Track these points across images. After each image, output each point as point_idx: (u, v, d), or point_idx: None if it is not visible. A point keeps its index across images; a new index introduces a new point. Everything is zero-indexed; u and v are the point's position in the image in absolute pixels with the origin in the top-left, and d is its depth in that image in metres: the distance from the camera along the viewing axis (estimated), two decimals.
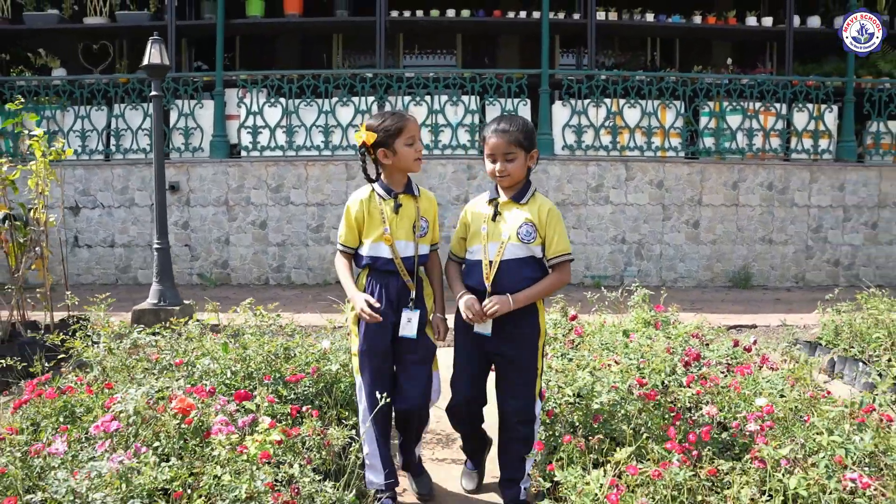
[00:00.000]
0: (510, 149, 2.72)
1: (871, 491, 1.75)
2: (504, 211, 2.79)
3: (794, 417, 2.58)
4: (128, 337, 3.50)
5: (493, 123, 2.80)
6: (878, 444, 1.97)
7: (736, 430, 2.55)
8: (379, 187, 2.85)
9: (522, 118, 2.85)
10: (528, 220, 2.75)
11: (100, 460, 1.77)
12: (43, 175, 5.25)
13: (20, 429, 2.31)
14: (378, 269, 2.82)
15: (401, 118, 2.79)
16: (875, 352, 4.19)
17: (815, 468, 1.89)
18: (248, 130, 8.40)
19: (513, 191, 2.81)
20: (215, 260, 8.31)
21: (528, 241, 2.74)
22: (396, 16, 8.83)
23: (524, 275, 2.75)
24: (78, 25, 8.95)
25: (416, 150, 2.81)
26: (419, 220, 2.86)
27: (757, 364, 3.63)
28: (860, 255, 8.74)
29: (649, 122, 8.49)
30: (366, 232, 2.82)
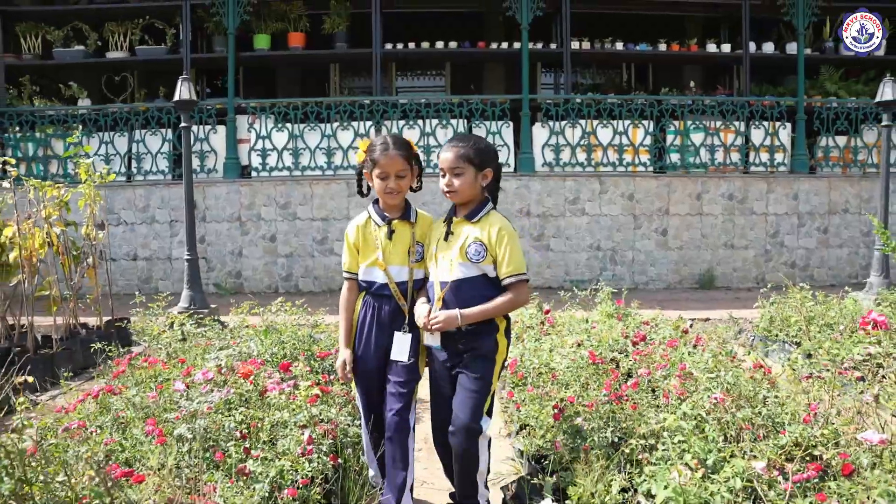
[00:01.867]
0: (457, 164, 2.73)
1: (725, 405, 2.63)
2: (456, 229, 2.78)
3: (702, 373, 3.47)
4: (182, 328, 4.36)
5: (451, 139, 2.85)
6: (738, 379, 2.85)
7: (648, 377, 3.43)
8: (374, 213, 2.92)
9: (480, 139, 2.86)
10: (478, 238, 2.72)
11: (207, 396, 2.63)
12: (91, 196, 6.11)
13: (130, 385, 3.16)
14: (373, 293, 2.89)
15: (382, 152, 2.81)
16: (793, 333, 5.09)
17: (697, 394, 2.77)
18: (258, 153, 9.29)
19: (467, 209, 2.80)
20: (230, 271, 9.16)
21: (476, 259, 2.71)
22: (390, 48, 9.75)
23: (479, 294, 2.71)
24: (101, 60, 9.83)
25: (388, 186, 2.81)
26: (414, 245, 2.88)
27: (692, 343, 4.51)
28: (814, 257, 9.66)
29: (621, 141, 9.42)
30: (361, 256, 2.90)
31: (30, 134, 9.48)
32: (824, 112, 9.71)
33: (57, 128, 9.41)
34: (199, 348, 4.08)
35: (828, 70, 10.18)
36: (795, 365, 3.09)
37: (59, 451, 2.20)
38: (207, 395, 2.62)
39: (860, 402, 2.93)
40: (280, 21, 9.79)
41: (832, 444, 2.37)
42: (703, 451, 2.13)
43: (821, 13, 9.74)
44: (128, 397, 2.83)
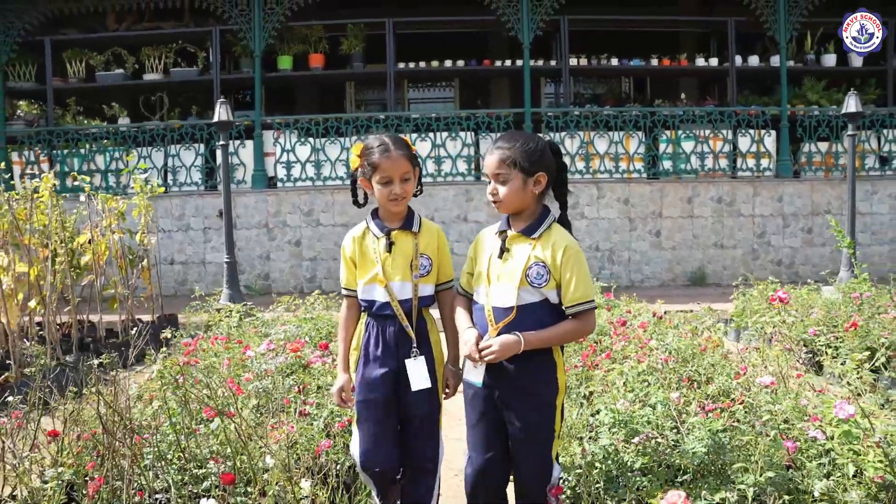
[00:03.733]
0: (501, 168, 2.36)
1: (670, 364, 3.42)
2: (513, 246, 2.38)
3: (659, 343, 4.25)
4: (232, 318, 5.20)
5: (497, 139, 2.47)
6: (683, 346, 3.65)
7: (621, 351, 4.22)
8: (373, 223, 2.61)
9: (531, 137, 2.43)
10: (539, 259, 2.33)
11: (272, 360, 3.46)
12: (144, 207, 6.97)
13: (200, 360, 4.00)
14: (375, 314, 2.57)
15: (381, 154, 2.48)
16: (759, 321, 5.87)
17: (651, 357, 3.57)
18: (283, 165, 10.14)
19: (523, 222, 2.40)
20: (258, 273, 10.01)
21: (539, 284, 2.32)
22: (403, 67, 10.58)
23: (540, 322, 2.32)
24: (139, 81, 10.72)
25: (393, 192, 2.49)
26: (417, 257, 2.55)
27: (666, 326, 5.29)
28: (799, 255, 10.40)
29: (616, 150, 10.21)
30: (359, 272, 2.60)
31: (75, 150, 10.38)
32: (807, 120, 10.45)
33: (99, 144, 10.31)
34: (251, 332, 4.91)
35: (810, 80, 10.91)
36: (725, 336, 3.86)
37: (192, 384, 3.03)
38: (273, 360, 3.43)
39: (784, 365, 3.70)
40: (301, 43, 10.65)
41: (744, 389, 3.15)
42: (642, 391, 2.92)
43: (801, 28, 10.49)
44: (209, 363, 3.66)
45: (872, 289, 6.07)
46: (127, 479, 2.28)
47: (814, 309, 5.55)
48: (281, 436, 2.67)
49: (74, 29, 10.74)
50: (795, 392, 3.06)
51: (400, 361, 2.52)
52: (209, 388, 3.11)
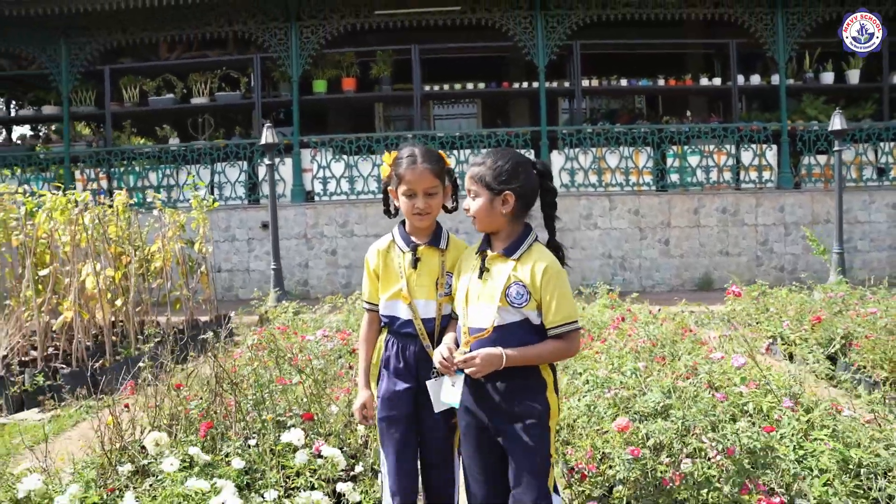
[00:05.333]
0: (471, 184, 2.33)
1: (649, 347, 4.23)
2: (492, 266, 2.32)
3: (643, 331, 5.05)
4: (288, 313, 6.08)
5: (478, 155, 2.45)
6: (667, 336, 4.46)
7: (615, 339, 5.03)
8: (399, 237, 2.54)
9: (507, 153, 2.35)
10: (518, 279, 2.26)
11: (326, 344, 4.33)
12: (200, 220, 7.91)
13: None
14: (396, 332, 2.49)
15: (408, 166, 2.41)
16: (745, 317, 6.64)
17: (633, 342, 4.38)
18: (320, 180, 11.08)
19: (502, 241, 2.35)
20: (298, 279, 10.93)
21: (519, 304, 2.26)
22: (428, 90, 11.48)
23: (521, 342, 2.26)
24: (187, 105, 11.74)
25: (415, 206, 2.42)
26: (443, 275, 2.48)
27: (658, 321, 6.08)
28: (800, 261, 11.08)
29: (626, 164, 11.00)
30: (382, 287, 2.52)
31: (130, 168, 11.42)
32: (806, 134, 11.16)
33: (152, 162, 11.34)
34: (303, 325, 5.80)
35: (809, 97, 11.62)
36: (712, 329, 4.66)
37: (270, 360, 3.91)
38: (328, 343, 4.31)
39: (745, 347, 4.49)
40: (335, 68, 11.60)
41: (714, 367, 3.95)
42: (621, 363, 3.73)
43: (800, 48, 11.22)
44: (277, 345, 4.54)
45: (849, 289, 6.81)
46: (233, 417, 3.16)
47: (790, 307, 6.30)
48: (340, 394, 3.53)
49: (130, 58, 11.81)
50: (743, 365, 3.86)
51: (420, 382, 2.43)
52: (286, 359, 3.99)
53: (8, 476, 2.54)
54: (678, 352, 4.41)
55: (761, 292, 7.06)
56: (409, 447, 2.49)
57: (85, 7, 10.57)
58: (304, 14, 11.05)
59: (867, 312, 5.54)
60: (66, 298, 5.79)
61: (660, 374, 3.69)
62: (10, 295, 5.96)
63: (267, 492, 2.60)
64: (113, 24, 11.17)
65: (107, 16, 10.96)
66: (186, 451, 2.78)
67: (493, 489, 2.32)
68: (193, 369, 3.73)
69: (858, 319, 5.42)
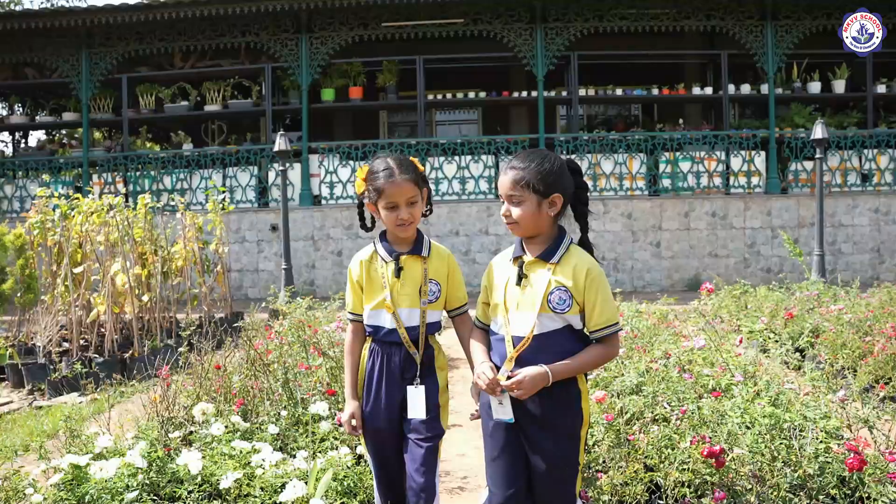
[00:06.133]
0: (514, 190, 2.25)
1: (636, 340, 4.73)
2: (531, 272, 2.28)
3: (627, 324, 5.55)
4: (301, 308, 6.58)
5: (512, 158, 2.35)
6: (648, 328, 4.95)
7: None
8: (381, 247, 2.55)
9: (547, 156, 2.31)
10: (560, 283, 2.24)
11: (339, 335, 4.82)
12: (217, 222, 8.41)
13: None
14: (380, 340, 2.53)
15: (387, 180, 2.43)
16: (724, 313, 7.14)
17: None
18: (327, 185, 11.58)
19: (539, 246, 2.30)
20: (305, 279, 11.43)
21: (562, 309, 2.23)
22: (432, 98, 11.99)
23: (563, 350, 2.24)
24: (201, 112, 12.24)
25: (399, 217, 2.44)
26: (426, 283, 2.50)
27: (643, 316, 6.56)
28: (787, 263, 11.56)
29: (620, 170, 11.50)
30: (366, 297, 2.54)
31: (145, 172, 11.92)
32: (794, 141, 11.65)
33: (167, 167, 11.84)
34: (316, 320, 6.29)
35: (796, 106, 12.12)
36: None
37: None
38: (341, 333, 4.80)
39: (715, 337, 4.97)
40: (342, 77, 12.11)
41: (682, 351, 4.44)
42: None
43: (789, 59, 11.72)
44: (301, 333, 5.04)
45: (823, 289, 7.30)
46: (264, 394, 3.66)
47: (768, 305, 6.79)
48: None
49: (146, 67, 12.31)
50: (703, 347, 4.35)
51: (405, 389, 2.49)
52: (311, 344, 4.49)
53: (82, 438, 3.03)
54: (657, 342, 4.91)
55: (743, 291, 7.54)
56: (395, 457, 2.54)
57: (105, 19, 11.10)
58: (314, 26, 11.56)
59: (835, 309, 6.03)
60: (99, 294, 6.29)
61: (638, 361, 4.18)
62: (47, 291, 6.46)
63: (298, 452, 3.09)
64: (130, 36, 11.69)
65: (125, 28, 11.48)
66: (229, 419, 3.27)
67: (514, 493, 2.28)
68: (230, 352, 4.22)
69: (827, 315, 5.90)
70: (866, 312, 5.77)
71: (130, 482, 2.65)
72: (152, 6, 10.92)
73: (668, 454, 2.75)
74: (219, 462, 2.89)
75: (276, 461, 2.82)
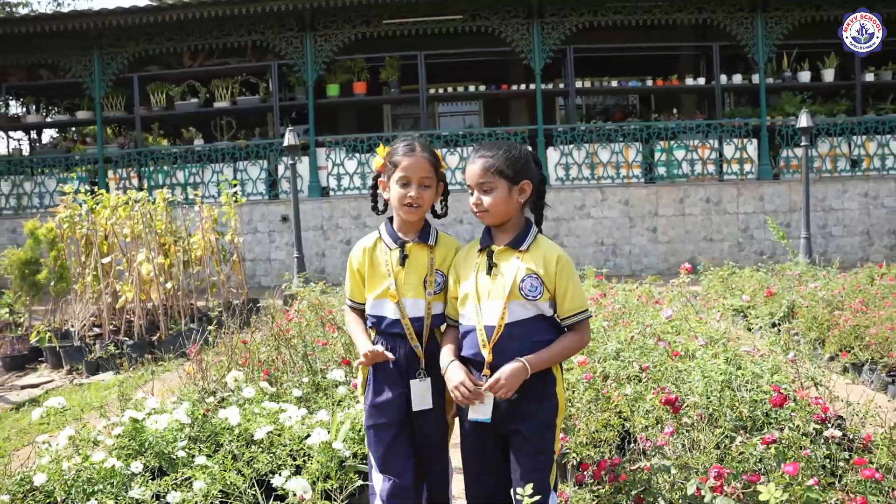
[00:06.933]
0: (486, 177, 2.28)
1: (623, 316, 5.18)
2: (500, 261, 2.30)
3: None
4: (315, 291, 7.05)
5: (478, 148, 2.37)
6: (634, 305, 5.40)
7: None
8: (386, 233, 2.48)
9: (514, 144, 2.37)
10: (531, 271, 2.26)
11: None
12: (231, 213, 8.88)
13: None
14: (383, 332, 2.44)
15: (405, 152, 2.38)
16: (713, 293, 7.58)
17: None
18: (334, 176, 12.04)
19: (508, 234, 2.33)
20: (315, 268, 11.90)
21: (533, 297, 2.25)
22: (433, 92, 12.42)
23: (535, 339, 2.26)
24: (210, 109, 12.69)
25: (408, 195, 2.36)
26: (432, 273, 2.42)
27: (632, 294, 7.01)
28: (778, 247, 11.96)
29: (617, 159, 11.92)
30: (368, 286, 2.47)
31: (159, 167, 12.39)
32: (784, 129, 12.05)
33: (179, 162, 12.31)
34: (329, 302, 6.76)
35: (787, 95, 12.50)
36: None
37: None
38: None
39: (699, 313, 5.43)
40: (346, 73, 12.53)
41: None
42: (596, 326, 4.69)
43: (779, 49, 12.10)
44: (316, 312, 5.50)
45: (806, 269, 7.74)
46: (287, 365, 4.13)
47: (751, 284, 7.23)
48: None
49: (156, 66, 12.76)
50: (671, 317, 4.80)
51: (408, 385, 2.41)
52: (327, 321, 4.96)
53: (132, 401, 3.51)
54: (640, 316, 5.36)
55: (730, 273, 7.99)
56: (400, 448, 2.43)
57: (115, 21, 11.56)
58: (318, 24, 11.99)
59: (812, 287, 6.47)
60: (126, 282, 6.77)
61: (620, 332, 4.64)
62: (77, 280, 6.94)
63: (319, 411, 3.55)
64: (141, 36, 12.13)
65: (135, 29, 11.92)
66: (258, 384, 3.75)
67: (495, 486, 2.30)
68: (254, 330, 4.70)
69: (803, 293, 6.34)
70: (839, 290, 6.21)
71: (178, 435, 3.12)
72: (161, 8, 11.37)
73: (636, 405, 3.21)
74: (251, 419, 3.36)
75: (301, 416, 3.29)
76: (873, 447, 2.69)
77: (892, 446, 2.60)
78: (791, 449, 2.35)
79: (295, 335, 4.47)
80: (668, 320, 4.63)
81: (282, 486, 2.57)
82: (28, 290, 6.74)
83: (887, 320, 4.99)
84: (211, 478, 2.70)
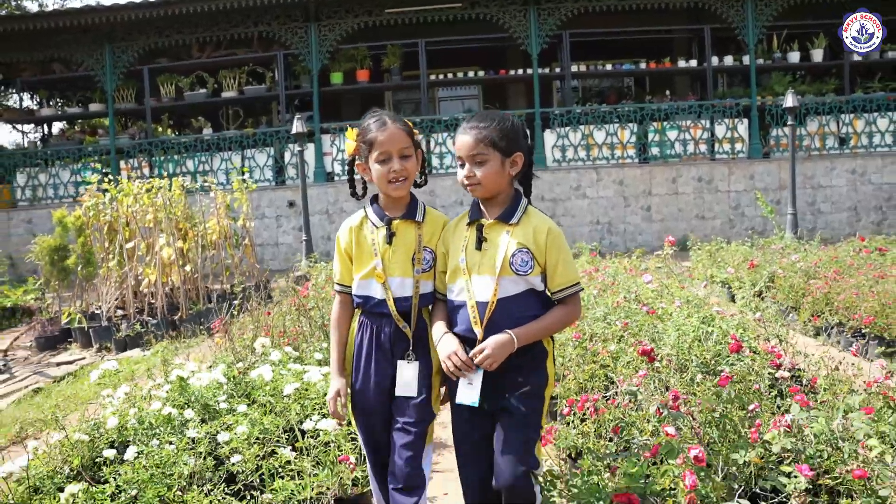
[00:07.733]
0: (478, 149, 2.21)
1: (612, 287, 5.62)
2: (490, 234, 2.25)
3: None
4: (326, 270, 7.50)
5: (468, 120, 2.29)
6: (623, 278, 5.84)
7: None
8: (371, 211, 2.40)
9: (505, 116, 2.29)
10: (522, 245, 2.21)
11: None
12: (242, 199, 9.32)
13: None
14: (370, 311, 2.37)
15: (378, 128, 2.28)
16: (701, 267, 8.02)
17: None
18: (339, 162, 12.46)
19: (498, 207, 2.29)
20: (321, 251, 12.32)
21: (524, 272, 2.20)
22: (434, 78, 12.80)
23: (527, 314, 2.21)
24: (218, 99, 13.10)
25: (391, 170, 2.27)
26: (420, 250, 2.35)
27: (623, 269, 7.45)
28: (769, 223, 12.38)
29: (612, 140, 12.32)
30: (355, 266, 2.40)
31: (169, 156, 12.81)
32: (774, 109, 12.43)
33: (189, 151, 12.74)
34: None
35: (777, 75, 12.87)
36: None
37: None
38: None
39: (682, 283, 5.87)
40: (349, 62, 12.92)
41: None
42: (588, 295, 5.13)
43: (768, 31, 12.46)
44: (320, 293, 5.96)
45: (790, 243, 8.17)
46: (305, 335, 4.59)
47: (736, 258, 7.67)
48: None
49: (165, 58, 13.16)
50: (650, 282, 5.25)
51: (394, 365, 2.35)
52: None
53: (171, 365, 3.97)
54: (627, 285, 5.81)
55: (717, 248, 8.42)
56: (381, 434, 2.41)
57: (126, 16, 11.93)
58: (321, 14, 12.36)
59: (792, 259, 6.90)
60: (148, 265, 7.23)
61: (609, 298, 5.09)
62: (101, 265, 7.40)
63: None
64: (150, 30, 12.52)
65: (145, 23, 12.30)
66: (283, 349, 4.21)
67: (488, 467, 2.25)
68: (274, 306, 5.16)
69: (783, 264, 6.78)
70: (815, 261, 6.65)
71: (217, 392, 3.59)
72: (170, 2, 11.75)
73: (618, 358, 3.66)
74: (279, 379, 3.82)
75: (322, 375, 3.75)
76: (819, 388, 3.15)
77: (832, 386, 3.06)
78: (742, 383, 2.80)
79: (313, 307, 4.93)
80: (653, 290, 5.09)
81: (314, 428, 3.03)
82: (58, 275, 7.20)
83: (854, 287, 5.43)
84: (251, 423, 3.16)
